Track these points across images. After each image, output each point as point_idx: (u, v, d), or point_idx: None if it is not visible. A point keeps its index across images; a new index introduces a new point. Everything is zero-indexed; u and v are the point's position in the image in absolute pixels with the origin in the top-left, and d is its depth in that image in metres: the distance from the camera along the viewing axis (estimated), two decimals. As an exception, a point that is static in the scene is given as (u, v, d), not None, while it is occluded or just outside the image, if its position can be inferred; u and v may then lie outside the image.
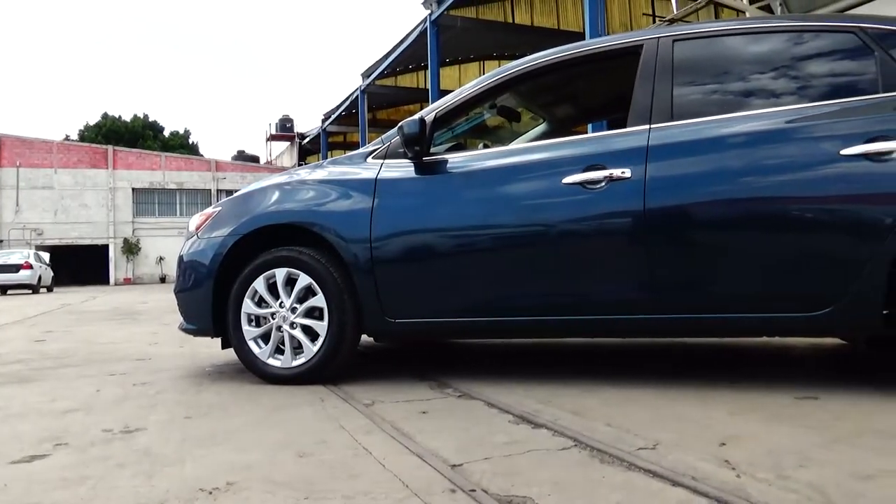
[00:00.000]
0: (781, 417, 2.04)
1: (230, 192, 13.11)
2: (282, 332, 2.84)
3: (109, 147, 34.89)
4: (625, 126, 2.58)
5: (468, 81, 3.71)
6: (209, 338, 3.11)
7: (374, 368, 3.28)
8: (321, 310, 2.79)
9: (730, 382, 2.57)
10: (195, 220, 3.22)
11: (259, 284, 2.88)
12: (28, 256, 20.95)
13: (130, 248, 33.36)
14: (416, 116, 2.77)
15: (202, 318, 3.01)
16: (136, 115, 48.72)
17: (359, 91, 22.10)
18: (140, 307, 9.99)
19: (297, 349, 2.83)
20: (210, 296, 2.95)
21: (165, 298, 12.09)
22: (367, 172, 2.88)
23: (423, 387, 2.71)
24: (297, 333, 2.82)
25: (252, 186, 3.23)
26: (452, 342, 4.10)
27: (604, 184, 2.48)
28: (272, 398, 2.58)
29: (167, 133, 50.21)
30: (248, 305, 2.90)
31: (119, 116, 48.00)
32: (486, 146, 3.13)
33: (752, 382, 2.58)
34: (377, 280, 2.74)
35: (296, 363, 2.81)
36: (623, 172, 2.46)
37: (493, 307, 2.69)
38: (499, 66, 3.88)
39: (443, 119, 2.92)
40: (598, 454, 1.73)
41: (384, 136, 2.99)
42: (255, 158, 42.10)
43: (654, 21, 17.13)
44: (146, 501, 1.50)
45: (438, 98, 5.08)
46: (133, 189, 34.18)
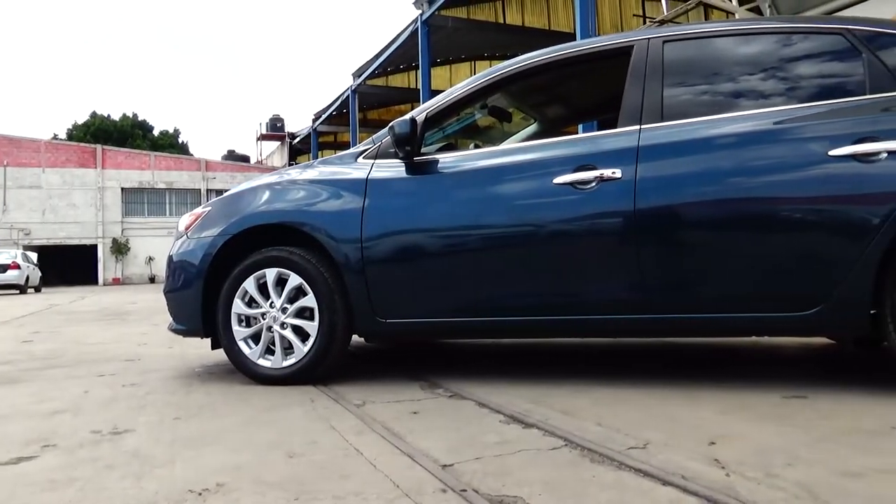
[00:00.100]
0: (770, 416, 2.05)
1: (220, 192, 13.04)
2: (272, 333, 2.83)
3: (98, 146, 34.67)
4: (615, 126, 2.59)
5: (459, 81, 3.70)
6: (199, 338, 3.09)
7: (365, 369, 3.27)
8: (312, 310, 2.78)
9: (719, 382, 2.58)
10: (185, 220, 3.21)
11: (249, 284, 2.87)
12: (16, 256, 20.78)
13: (119, 248, 33.16)
14: (407, 116, 2.77)
15: (192, 319, 3.00)
16: (125, 115, 48.49)
17: (350, 91, 22.06)
18: (129, 307, 9.93)
19: (288, 349, 2.82)
20: (200, 296, 2.94)
21: (155, 299, 12.02)
22: (358, 172, 2.87)
23: (414, 387, 2.71)
24: (288, 334, 2.81)
25: (242, 186, 3.21)
26: (443, 342, 4.10)
27: (594, 184, 2.49)
28: (262, 399, 2.57)
29: (156, 132, 49.98)
30: (239, 306, 2.89)
31: (108, 115, 47.76)
32: (478, 146, 3.13)
33: (742, 382, 2.59)
34: (368, 280, 2.73)
35: (286, 363, 2.81)
36: (613, 173, 2.47)
37: (484, 307, 2.69)
38: (490, 67, 3.89)
39: (434, 119, 2.92)
40: (589, 454, 1.73)
41: (375, 136, 2.98)
42: (246, 158, 41.95)
43: (645, 22, 17.19)
44: (135, 503, 1.49)
45: (429, 98, 5.09)
46: (122, 189, 33.98)
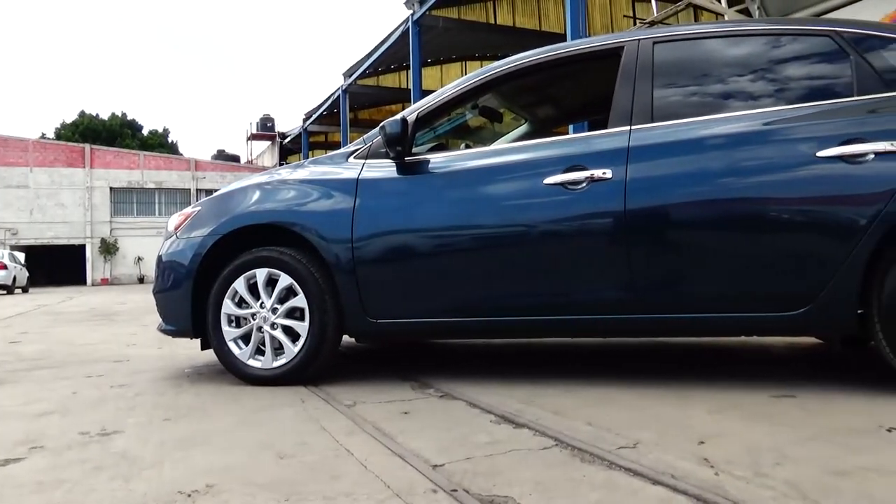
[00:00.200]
0: (759, 416, 2.06)
1: (210, 192, 12.93)
2: (262, 333, 2.82)
3: (87, 146, 34.36)
4: (606, 127, 2.60)
5: (450, 82, 3.71)
6: (188, 339, 3.08)
7: (356, 369, 3.26)
8: (302, 310, 2.78)
9: (709, 381, 2.60)
10: (174, 220, 3.19)
11: (239, 285, 2.86)
12: (3, 257, 20.60)
13: (108, 249, 32.89)
14: (399, 116, 2.76)
15: (181, 319, 2.98)
16: (114, 114, 48.11)
17: (340, 91, 21.99)
18: (118, 308, 9.86)
19: (278, 350, 2.81)
20: (189, 296, 2.92)
21: (144, 299, 11.95)
22: (349, 172, 2.86)
23: (405, 387, 2.71)
24: (278, 334, 2.80)
25: (232, 186, 3.20)
26: (434, 342, 4.10)
27: (585, 184, 2.50)
28: (253, 399, 2.56)
29: (146, 132, 49.63)
30: (229, 306, 2.88)
31: (97, 115, 47.35)
32: (468, 146, 3.14)
33: (731, 381, 2.61)
34: (359, 280, 2.73)
35: (277, 364, 2.80)
36: (604, 173, 2.48)
37: (475, 307, 2.69)
38: (481, 67, 3.89)
39: (425, 119, 2.92)
40: (579, 453, 1.74)
41: (366, 136, 2.98)
42: (236, 158, 41.76)
43: (635, 23, 17.23)
44: (124, 505, 1.48)
45: (420, 98, 5.08)
46: (111, 188, 33.70)
